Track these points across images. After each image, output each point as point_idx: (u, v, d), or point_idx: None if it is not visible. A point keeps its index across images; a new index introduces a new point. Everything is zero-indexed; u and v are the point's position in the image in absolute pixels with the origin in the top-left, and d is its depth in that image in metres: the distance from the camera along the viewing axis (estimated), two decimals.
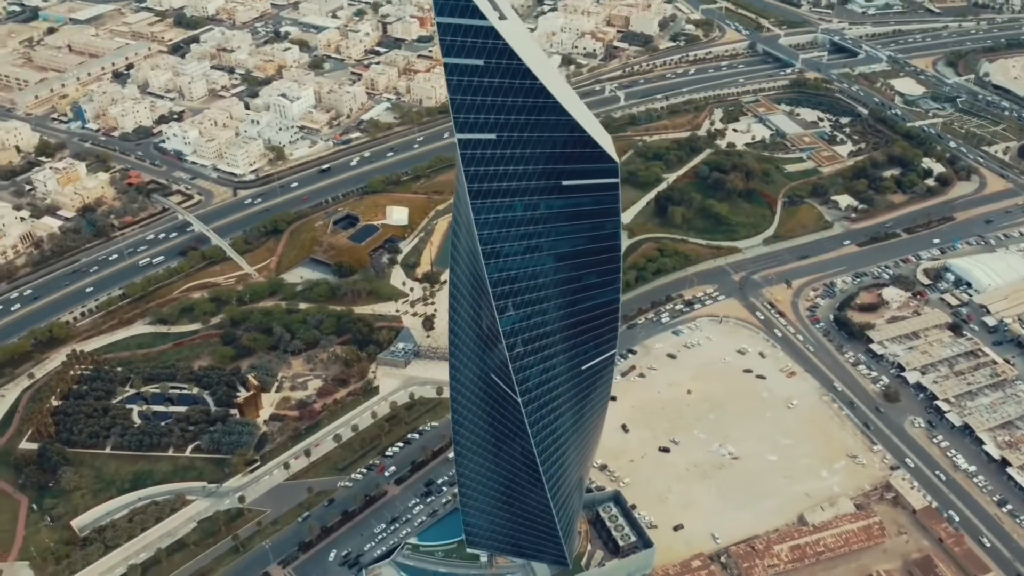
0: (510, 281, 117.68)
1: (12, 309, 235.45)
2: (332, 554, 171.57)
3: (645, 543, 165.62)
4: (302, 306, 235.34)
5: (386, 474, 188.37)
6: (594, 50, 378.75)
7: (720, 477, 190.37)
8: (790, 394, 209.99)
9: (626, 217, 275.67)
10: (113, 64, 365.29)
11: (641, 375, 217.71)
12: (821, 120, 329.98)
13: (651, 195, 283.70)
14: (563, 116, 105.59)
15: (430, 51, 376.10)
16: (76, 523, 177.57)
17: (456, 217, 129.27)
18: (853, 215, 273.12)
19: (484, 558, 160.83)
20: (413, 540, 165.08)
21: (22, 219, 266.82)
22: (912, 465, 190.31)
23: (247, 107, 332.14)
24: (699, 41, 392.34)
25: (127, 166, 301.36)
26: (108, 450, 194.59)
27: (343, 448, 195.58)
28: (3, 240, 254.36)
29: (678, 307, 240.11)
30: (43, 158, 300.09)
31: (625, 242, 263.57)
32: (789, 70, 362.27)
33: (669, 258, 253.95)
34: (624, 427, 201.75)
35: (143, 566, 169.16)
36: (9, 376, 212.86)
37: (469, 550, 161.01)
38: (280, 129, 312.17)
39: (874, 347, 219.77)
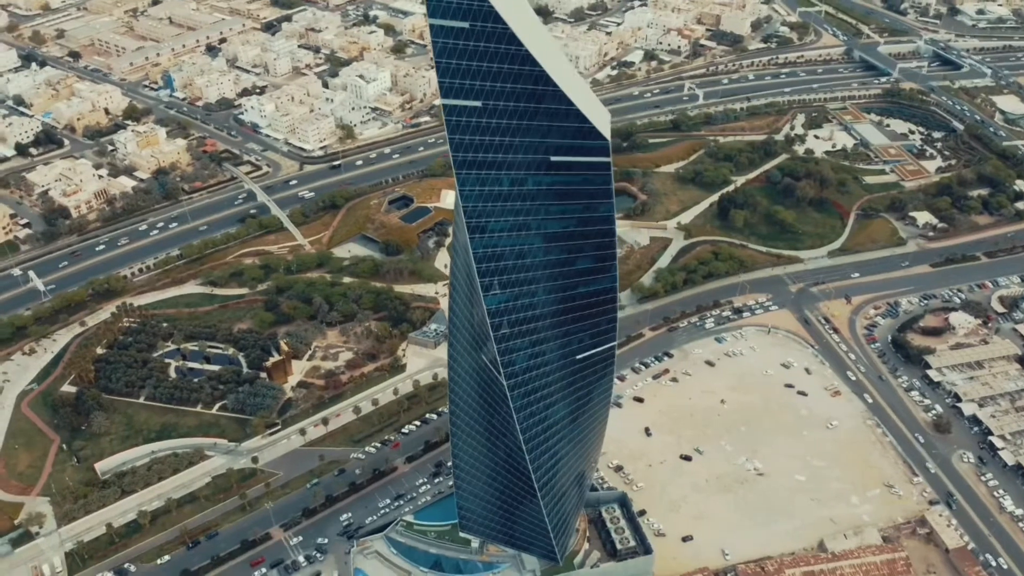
0: (496, 259, 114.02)
1: (78, 260, 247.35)
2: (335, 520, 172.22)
3: (645, 549, 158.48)
4: (346, 280, 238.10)
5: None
6: (679, 47, 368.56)
7: (741, 492, 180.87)
8: (831, 414, 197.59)
9: (685, 217, 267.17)
10: (207, 37, 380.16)
11: (674, 379, 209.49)
12: (912, 133, 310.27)
13: (714, 197, 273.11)
14: (550, 87, 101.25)
15: None
16: (99, 466, 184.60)
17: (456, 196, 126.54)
18: (931, 233, 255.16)
19: (475, 544, 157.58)
20: (408, 518, 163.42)
21: (100, 177, 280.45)
22: (953, 501, 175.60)
23: (326, 85, 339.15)
24: (792, 44, 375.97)
25: (205, 135, 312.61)
26: (141, 400, 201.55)
27: (361, 421, 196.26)
28: (79, 195, 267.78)
29: (725, 314, 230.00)
30: (129, 121, 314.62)
31: (680, 242, 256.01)
32: (884, 79, 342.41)
33: (723, 262, 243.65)
34: (647, 430, 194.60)
35: (153, 513, 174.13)
36: (63, 322, 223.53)
37: (461, 534, 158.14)
38: (353, 109, 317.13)
39: (931, 373, 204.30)
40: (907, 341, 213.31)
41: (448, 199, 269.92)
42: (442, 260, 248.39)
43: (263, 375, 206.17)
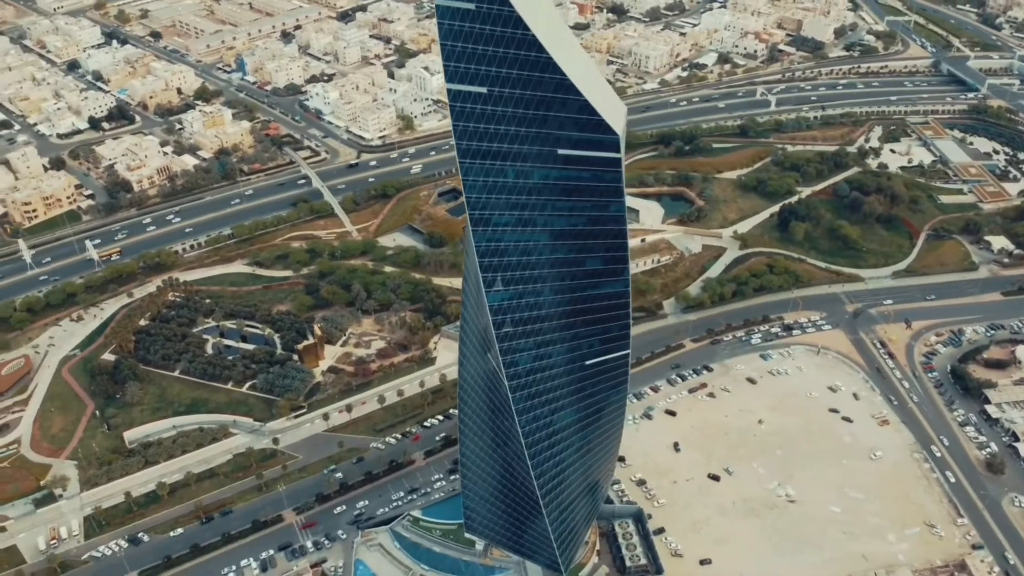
0: (499, 253, 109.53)
1: (134, 233, 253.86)
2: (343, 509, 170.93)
3: (656, 568, 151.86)
4: (387, 269, 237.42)
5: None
6: (755, 51, 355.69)
7: (769, 518, 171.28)
8: (876, 444, 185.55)
9: (743, 227, 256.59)
10: (283, 24, 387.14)
11: (711, 395, 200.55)
12: (996, 152, 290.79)
13: (776, 207, 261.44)
14: (557, 75, 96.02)
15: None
16: (128, 435, 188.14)
17: None
18: (1006, 260, 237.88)
19: (480, 546, 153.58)
20: (416, 513, 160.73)
21: (164, 154, 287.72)
22: (999, 547, 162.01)
23: (392, 76, 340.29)
24: (876, 53, 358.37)
25: (270, 118, 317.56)
26: (176, 373, 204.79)
27: (385, 411, 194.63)
28: (142, 170, 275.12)
29: (773, 330, 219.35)
30: (199, 102, 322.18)
31: (734, 252, 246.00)
32: (972, 95, 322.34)
33: (778, 276, 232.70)
34: (676, 445, 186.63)
35: (172, 486, 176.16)
36: (112, 292, 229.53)
37: (467, 535, 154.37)
38: (414, 100, 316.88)
39: (990, 409, 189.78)
40: (967, 372, 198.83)
41: None
42: None
43: (295, 357, 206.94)
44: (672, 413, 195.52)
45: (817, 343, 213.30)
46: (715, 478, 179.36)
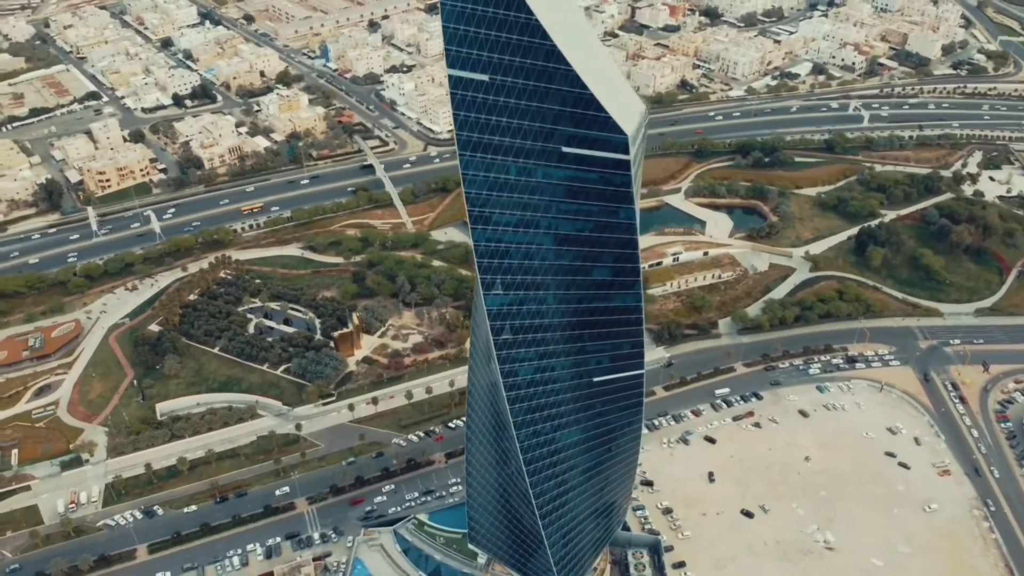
0: (499, 255, 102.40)
1: (198, 210, 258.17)
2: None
3: None
4: (435, 263, 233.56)
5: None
6: (853, 63, 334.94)
7: (802, 564, 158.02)
8: (933, 495, 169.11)
9: (816, 247, 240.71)
10: (372, 13, 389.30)
11: (757, 424, 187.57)
12: None
13: (855, 229, 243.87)
14: (561, 64, 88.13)
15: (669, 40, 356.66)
16: (160, 407, 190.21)
17: None
18: None
19: (482, 559, 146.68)
20: (422, 516, 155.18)
21: (239, 134, 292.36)
22: None
23: None
24: (985, 73, 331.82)
25: (345, 106, 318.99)
26: (216, 350, 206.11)
27: (412, 407, 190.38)
28: (214, 148, 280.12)
29: (835, 361, 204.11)
30: (279, 85, 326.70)
31: (803, 274, 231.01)
32: None
33: (847, 303, 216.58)
34: (711, 475, 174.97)
35: (193, 462, 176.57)
36: (169, 265, 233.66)
37: (470, 546, 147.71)
38: None
39: None
40: None
41: None
42: None
43: (331, 344, 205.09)
44: (711, 440, 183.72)
45: (881, 379, 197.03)
46: (748, 515, 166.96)
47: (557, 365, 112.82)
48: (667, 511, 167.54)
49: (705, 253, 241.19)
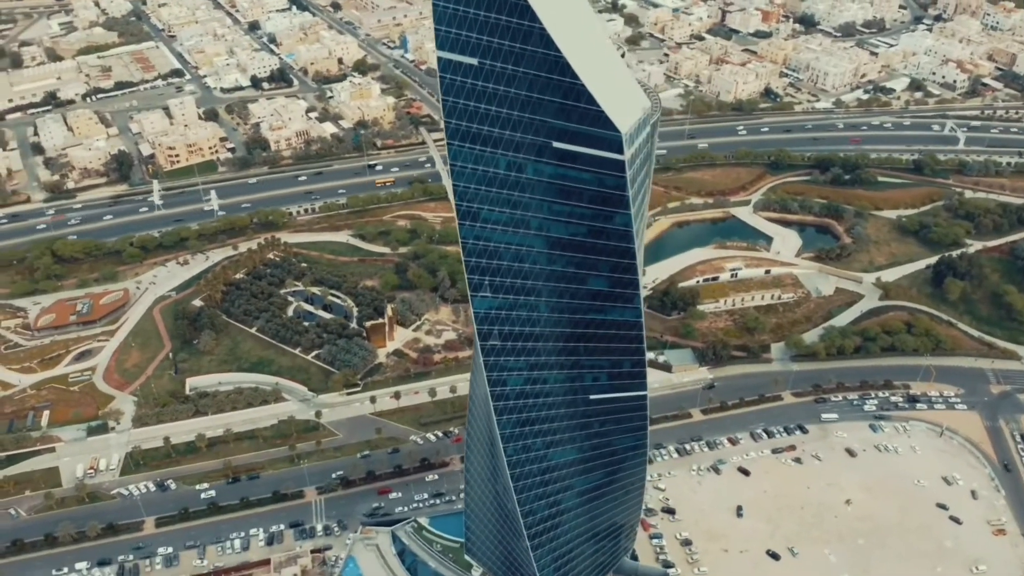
0: (488, 255, 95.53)
1: (259, 190, 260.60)
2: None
3: None
4: None
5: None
6: (955, 81, 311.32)
7: None
8: (983, 555, 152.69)
9: (890, 274, 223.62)
10: None
11: (798, 459, 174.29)
12: None
13: (934, 258, 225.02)
14: (551, 51, 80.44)
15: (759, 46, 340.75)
16: (190, 381, 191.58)
17: None
18: None
19: (476, 573, 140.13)
20: (423, 520, 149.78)
21: (308, 119, 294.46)
22: None
23: None
24: None
25: (416, 97, 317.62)
26: (253, 330, 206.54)
27: (434, 405, 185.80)
28: (282, 131, 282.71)
29: (894, 398, 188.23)
30: (355, 73, 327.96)
31: (871, 302, 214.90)
32: None
33: (915, 337, 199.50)
34: (739, 509, 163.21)
35: (211, 440, 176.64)
36: (221, 243, 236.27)
37: (466, 557, 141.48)
38: None
39: None
40: None
41: None
42: None
43: (363, 334, 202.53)
44: (745, 472, 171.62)
45: (943, 423, 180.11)
46: (775, 556, 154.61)
47: (550, 378, 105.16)
48: (686, 543, 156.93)
49: (767, 271, 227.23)
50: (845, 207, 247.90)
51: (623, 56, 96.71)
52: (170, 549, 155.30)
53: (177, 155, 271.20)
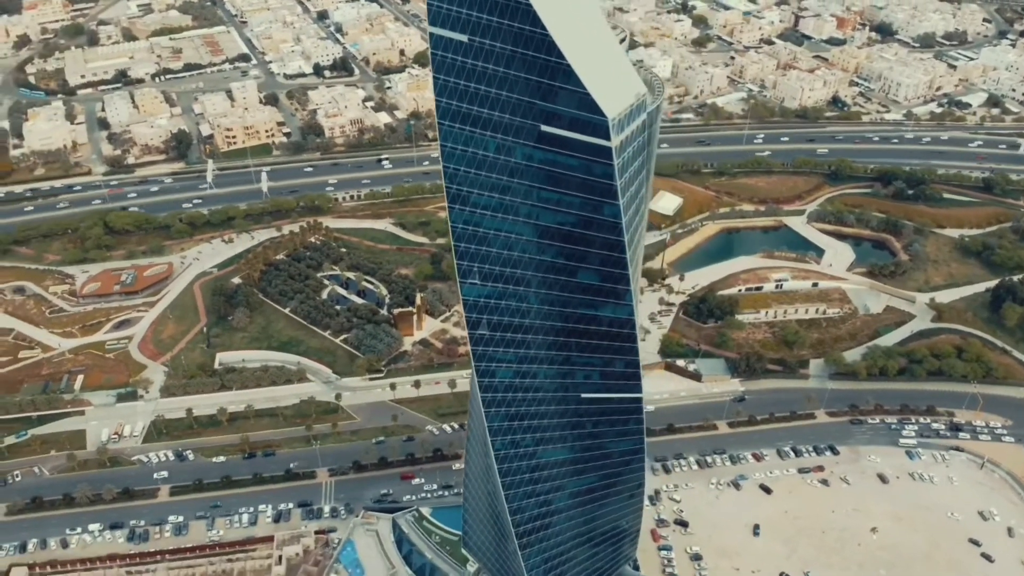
0: (477, 241, 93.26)
1: (308, 175, 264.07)
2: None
3: None
4: None
5: None
6: None
7: None
8: None
9: (945, 295, 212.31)
10: None
11: (824, 481, 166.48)
12: None
13: (993, 281, 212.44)
14: (537, 28, 77.49)
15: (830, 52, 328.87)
16: (220, 356, 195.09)
17: None
18: None
19: (471, 568, 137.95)
20: (425, 510, 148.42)
21: (364, 108, 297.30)
22: None
23: None
24: None
25: None
26: (286, 310, 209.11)
27: (454, 396, 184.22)
28: (337, 119, 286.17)
29: (935, 425, 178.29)
30: (416, 65, 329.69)
31: (923, 323, 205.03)
32: None
33: (965, 363, 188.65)
34: (756, 528, 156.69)
35: (232, 414, 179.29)
36: (267, 224, 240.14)
37: (463, 551, 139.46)
38: None
39: None
40: None
41: (662, 202, 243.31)
42: None
43: (391, 321, 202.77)
44: (767, 490, 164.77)
45: (985, 455, 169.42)
46: None
47: (540, 373, 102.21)
48: (696, 557, 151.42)
49: (814, 284, 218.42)
50: (905, 222, 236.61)
51: (623, 42, 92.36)
52: (181, 518, 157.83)
53: (234, 137, 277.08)
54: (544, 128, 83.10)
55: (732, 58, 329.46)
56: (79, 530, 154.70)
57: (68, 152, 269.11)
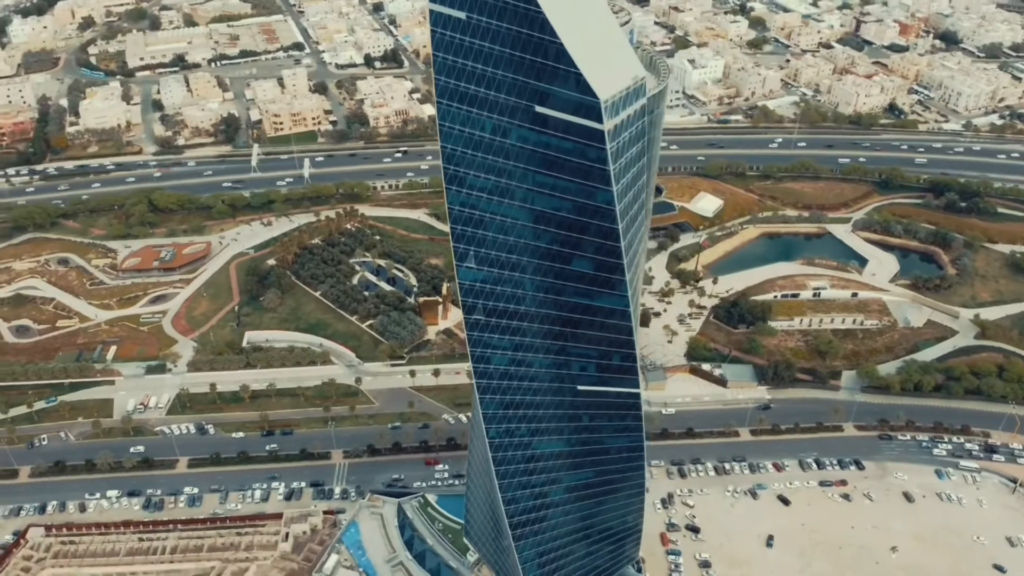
0: (473, 223, 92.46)
1: (349, 163, 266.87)
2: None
3: None
4: None
5: None
6: None
7: None
8: None
9: (992, 312, 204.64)
10: None
11: (846, 496, 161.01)
12: None
13: None
14: (532, 6, 76.18)
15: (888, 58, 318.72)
16: (248, 335, 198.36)
17: None
18: None
19: (472, 557, 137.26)
20: (431, 496, 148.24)
21: (410, 99, 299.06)
22: None
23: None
24: None
25: None
26: (316, 293, 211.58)
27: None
28: (382, 109, 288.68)
29: (968, 445, 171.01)
30: None
31: (965, 339, 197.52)
32: None
33: (1006, 383, 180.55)
34: (770, 539, 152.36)
35: (255, 392, 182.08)
36: (305, 208, 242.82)
37: (465, 540, 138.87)
38: None
39: None
40: None
41: (701, 203, 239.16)
42: (658, 264, 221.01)
43: (416, 309, 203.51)
44: (785, 501, 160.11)
45: (1019, 478, 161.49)
46: None
47: (535, 362, 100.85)
48: (704, 564, 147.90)
49: (854, 294, 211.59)
50: (955, 236, 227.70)
51: (626, 24, 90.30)
52: (196, 490, 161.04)
53: (281, 123, 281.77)
54: (539, 109, 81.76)
55: (787, 61, 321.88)
56: (98, 495, 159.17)
57: (121, 131, 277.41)
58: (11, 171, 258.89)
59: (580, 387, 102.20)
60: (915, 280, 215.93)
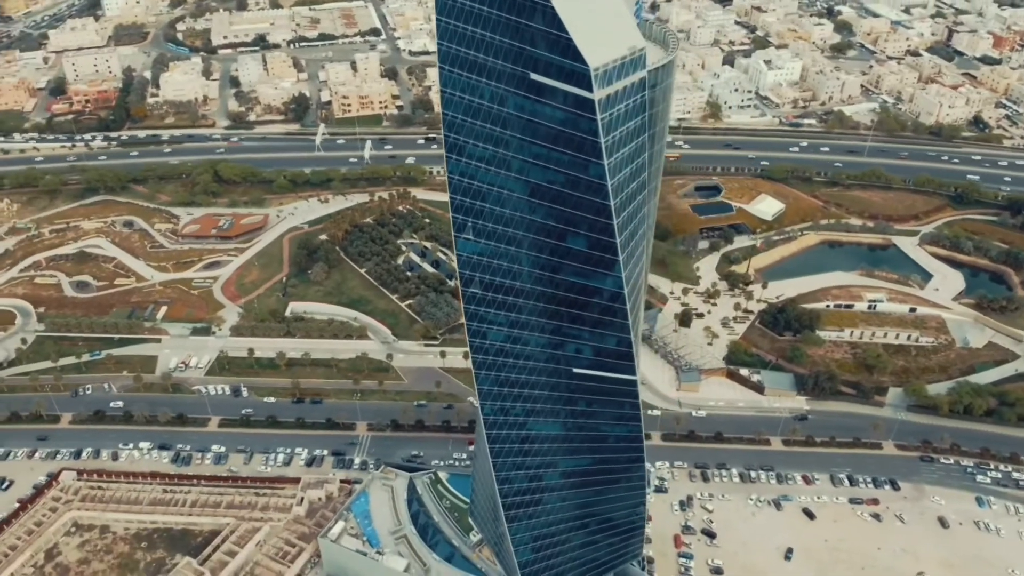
0: (472, 194, 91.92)
1: (410, 147, 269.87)
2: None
3: None
4: None
5: None
6: None
7: None
8: None
9: None
10: None
11: (876, 515, 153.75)
12: None
13: None
14: None
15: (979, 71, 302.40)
16: (292, 305, 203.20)
17: None
18: None
19: (475, 537, 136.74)
20: (442, 474, 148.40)
21: None
22: None
23: (730, 63, 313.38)
24: None
25: None
26: (362, 270, 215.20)
27: None
28: None
29: (1016, 475, 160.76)
30: None
31: None
32: None
33: None
34: (788, 552, 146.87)
35: (291, 360, 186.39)
36: (362, 188, 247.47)
37: (470, 519, 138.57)
38: (735, 90, 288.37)
39: None
40: None
41: (761, 206, 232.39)
42: (708, 265, 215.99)
43: (453, 292, 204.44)
44: (810, 515, 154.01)
45: None
46: None
47: (530, 340, 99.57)
48: (717, 571, 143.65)
49: (912, 309, 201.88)
50: None
51: None
52: (223, 448, 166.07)
53: (349, 105, 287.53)
54: (533, 76, 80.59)
55: (870, 67, 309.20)
56: (131, 446, 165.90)
57: (197, 105, 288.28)
58: (89, 136, 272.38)
59: (576, 369, 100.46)
60: (980, 299, 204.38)
